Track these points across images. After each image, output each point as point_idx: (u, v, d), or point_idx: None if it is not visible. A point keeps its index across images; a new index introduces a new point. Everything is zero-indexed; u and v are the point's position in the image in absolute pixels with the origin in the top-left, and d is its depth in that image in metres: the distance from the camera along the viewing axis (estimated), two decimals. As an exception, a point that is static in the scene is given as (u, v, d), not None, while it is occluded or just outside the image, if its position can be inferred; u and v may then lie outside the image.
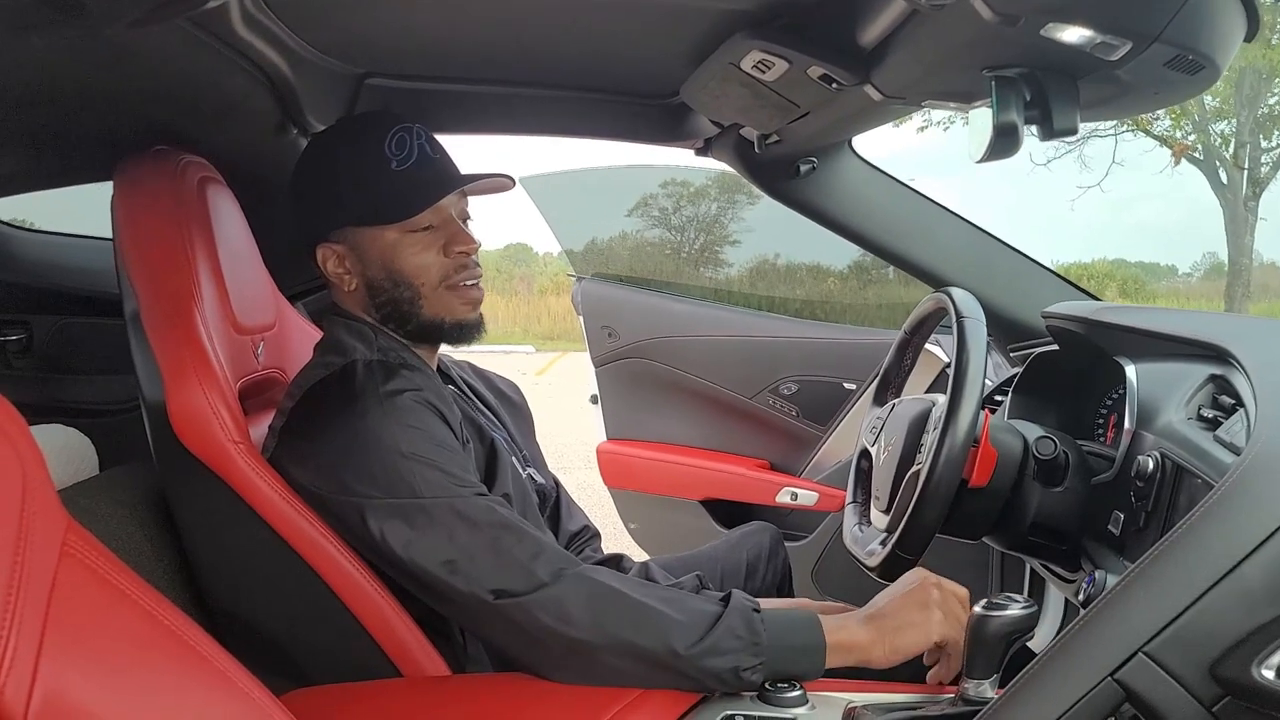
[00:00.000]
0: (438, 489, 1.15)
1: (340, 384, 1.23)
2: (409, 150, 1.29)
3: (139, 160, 1.32)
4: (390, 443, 1.16)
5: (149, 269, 1.26)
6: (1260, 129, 14.84)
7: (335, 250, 1.32)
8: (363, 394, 1.20)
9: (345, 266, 1.33)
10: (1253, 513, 0.84)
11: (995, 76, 1.08)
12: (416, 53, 1.47)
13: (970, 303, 1.34)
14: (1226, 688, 0.81)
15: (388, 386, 1.21)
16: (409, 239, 1.30)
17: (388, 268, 1.31)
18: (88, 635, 0.77)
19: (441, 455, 1.18)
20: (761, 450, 2.60)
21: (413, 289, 1.31)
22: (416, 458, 1.16)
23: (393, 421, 1.17)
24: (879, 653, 1.14)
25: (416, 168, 1.29)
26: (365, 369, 1.24)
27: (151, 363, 1.23)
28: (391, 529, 1.15)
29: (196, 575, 1.31)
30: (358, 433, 1.17)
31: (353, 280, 1.33)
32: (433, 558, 1.13)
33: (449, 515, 1.14)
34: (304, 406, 1.25)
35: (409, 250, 1.30)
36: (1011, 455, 1.31)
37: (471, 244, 1.33)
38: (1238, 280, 14.55)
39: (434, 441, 1.19)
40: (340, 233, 1.32)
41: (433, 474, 1.16)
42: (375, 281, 1.32)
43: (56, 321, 1.76)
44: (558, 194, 3.09)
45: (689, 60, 1.43)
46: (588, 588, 1.11)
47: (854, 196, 1.92)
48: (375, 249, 1.31)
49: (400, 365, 1.27)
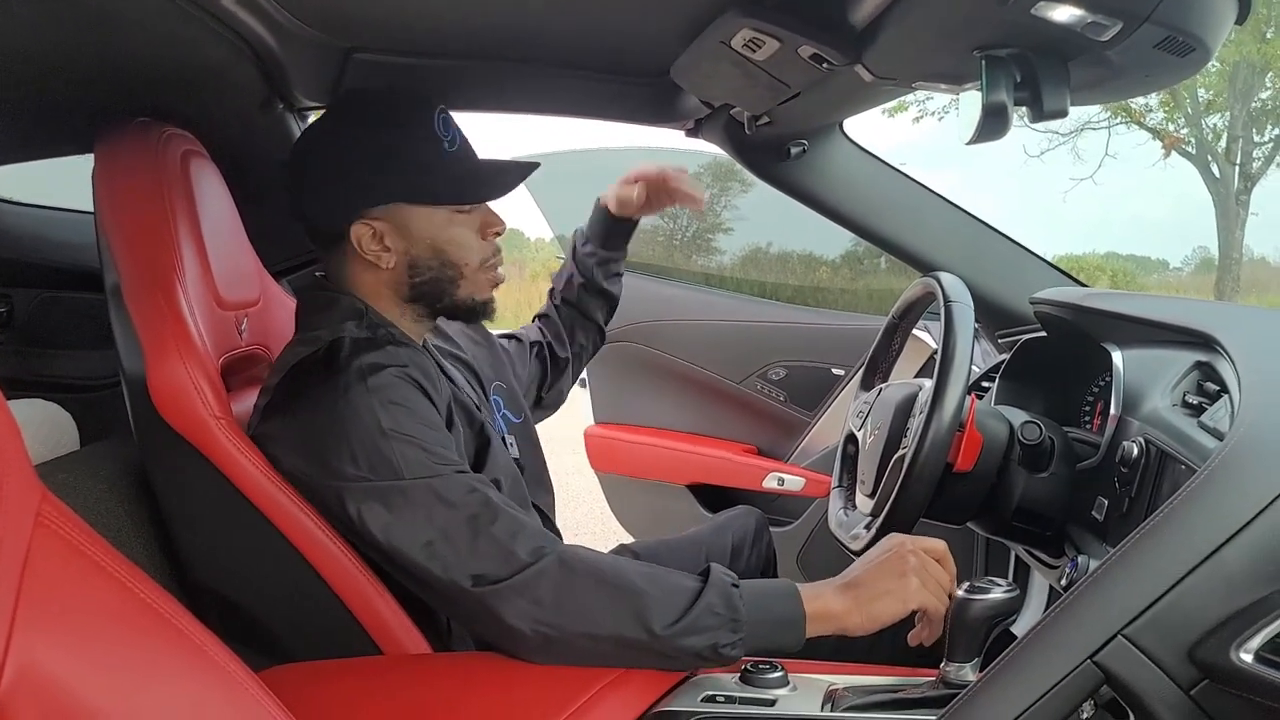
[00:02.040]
0: (417, 468, 1.14)
1: (325, 361, 1.22)
2: (454, 134, 1.31)
3: (120, 132, 1.30)
4: (371, 421, 1.15)
5: (130, 242, 1.25)
6: (1253, 123, 14.87)
7: (374, 227, 1.29)
8: (345, 370, 1.19)
9: (384, 244, 1.30)
10: (1234, 497, 0.84)
11: (986, 56, 1.07)
12: (404, 27, 1.45)
13: (958, 287, 1.34)
14: (1205, 671, 0.81)
15: (372, 362, 1.19)
16: (458, 219, 1.31)
17: (435, 246, 1.31)
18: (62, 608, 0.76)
19: (424, 433, 1.17)
20: (749, 435, 2.60)
21: (456, 269, 1.32)
22: (397, 435, 1.15)
23: (375, 399, 1.16)
24: (856, 620, 1.13)
25: (464, 152, 1.31)
26: (351, 344, 1.23)
27: (132, 336, 1.22)
28: (370, 511, 1.14)
29: (176, 551, 1.30)
30: (339, 411, 1.16)
31: (392, 258, 1.31)
32: (411, 540, 1.12)
33: (427, 495, 1.13)
34: (287, 384, 1.23)
35: (459, 230, 1.31)
36: (997, 440, 1.31)
37: (502, 224, 1.35)
38: (1227, 275, 14.61)
39: (417, 419, 1.18)
40: (383, 209, 1.29)
41: (413, 452, 1.15)
42: (420, 260, 1.31)
43: (37, 295, 1.75)
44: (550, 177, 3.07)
45: (679, 38, 1.42)
46: (566, 568, 1.11)
47: (844, 180, 1.91)
48: (425, 227, 1.30)
49: (388, 341, 1.25)
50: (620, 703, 1.07)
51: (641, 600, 1.09)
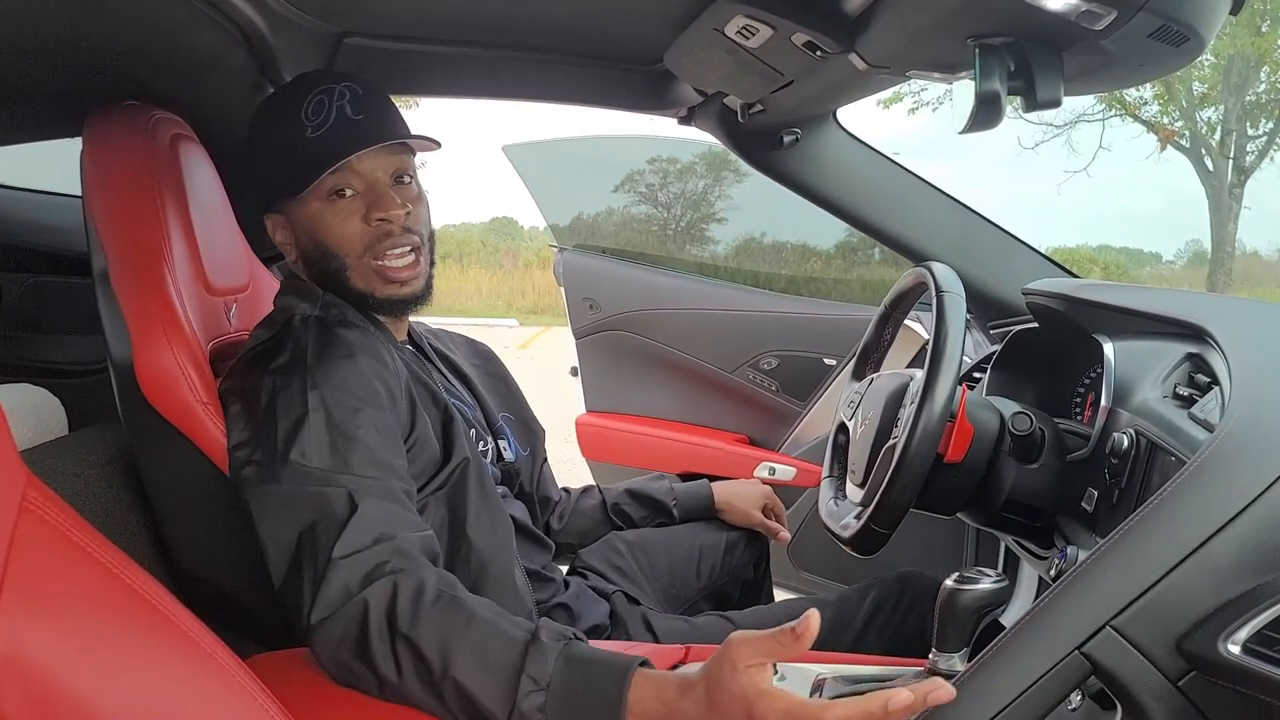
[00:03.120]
0: (319, 457, 1.09)
1: (274, 345, 1.20)
2: (326, 113, 1.23)
3: (109, 115, 1.29)
4: (298, 398, 1.12)
5: (118, 226, 1.24)
6: (1247, 117, 14.89)
7: (278, 220, 1.31)
8: (290, 351, 1.17)
9: (286, 238, 1.31)
10: (1223, 489, 0.84)
11: (979, 45, 1.07)
12: (395, 13, 1.44)
13: (950, 277, 1.34)
14: (1193, 662, 0.82)
15: (316, 344, 1.17)
16: (331, 207, 1.25)
17: (314, 238, 1.28)
18: (47, 592, 0.76)
19: (351, 419, 1.12)
20: (741, 425, 2.60)
21: (338, 260, 1.27)
22: (318, 418, 1.10)
23: (310, 377, 1.13)
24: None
25: (331, 133, 1.23)
26: (301, 324, 1.21)
27: (119, 321, 1.21)
28: (249, 479, 1.10)
29: (164, 536, 1.29)
30: (272, 396, 1.13)
31: (293, 251, 1.31)
32: (265, 533, 1.08)
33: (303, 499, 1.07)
34: (236, 369, 1.22)
35: (331, 219, 1.26)
36: (988, 431, 1.31)
37: (393, 208, 1.25)
38: (1220, 268, 14.64)
39: (349, 405, 1.13)
40: (280, 203, 1.29)
41: (327, 437, 1.10)
42: (308, 253, 1.30)
43: (26, 280, 1.74)
44: (542, 165, 3.06)
45: (673, 25, 1.41)
46: (368, 623, 1.00)
47: (837, 169, 1.91)
48: (303, 219, 1.28)
49: (338, 323, 1.23)
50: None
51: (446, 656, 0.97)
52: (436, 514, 1.23)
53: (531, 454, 1.52)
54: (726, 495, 1.70)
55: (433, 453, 1.23)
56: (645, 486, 1.70)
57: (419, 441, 1.22)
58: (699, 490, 1.71)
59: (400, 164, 1.29)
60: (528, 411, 1.57)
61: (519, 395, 1.58)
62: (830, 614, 1.44)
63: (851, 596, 1.48)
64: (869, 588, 1.49)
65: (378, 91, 1.29)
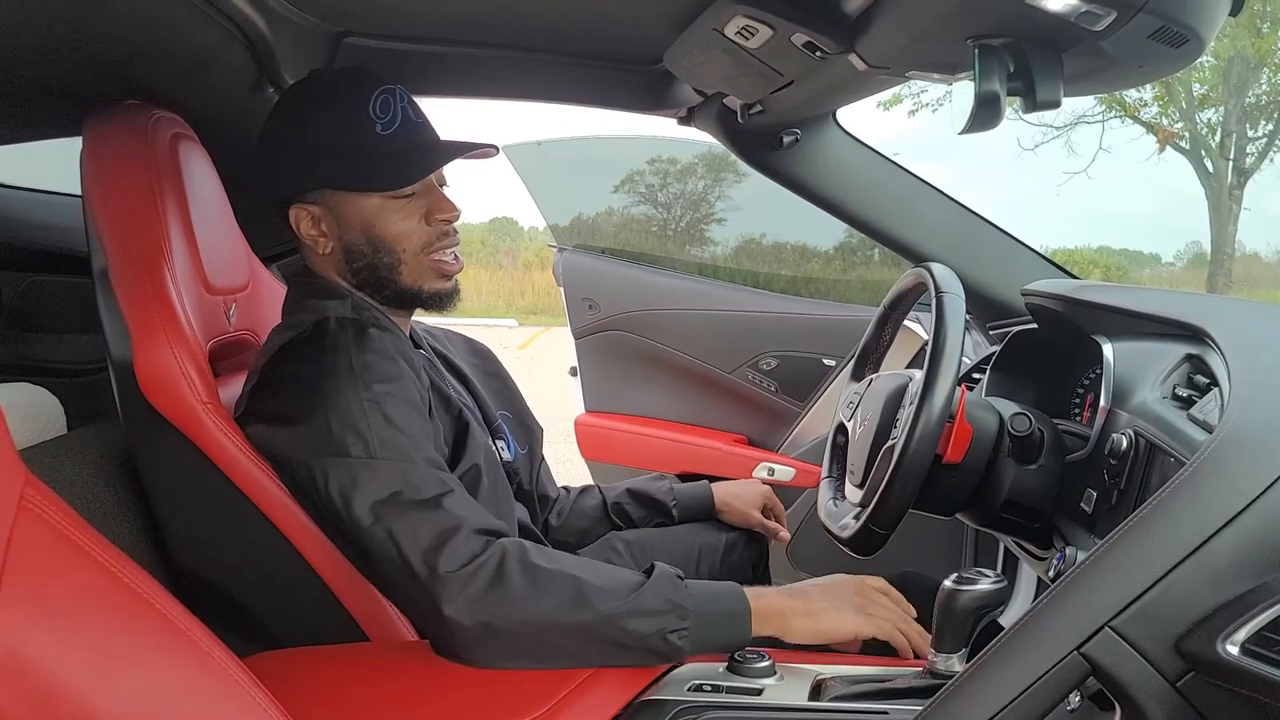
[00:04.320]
0: (390, 449, 1.14)
1: (310, 342, 1.21)
2: (393, 114, 1.26)
3: (109, 114, 1.29)
4: (353, 400, 1.15)
5: (118, 225, 1.24)
6: (1247, 118, 14.89)
7: (310, 212, 1.30)
8: (333, 350, 1.18)
9: (321, 229, 1.30)
10: (1222, 490, 0.84)
11: (979, 45, 1.07)
12: (396, 12, 1.45)
13: (950, 278, 1.34)
14: (1191, 663, 0.82)
15: (357, 343, 1.19)
16: (392, 205, 1.28)
17: (368, 233, 1.29)
18: (45, 591, 0.76)
19: (402, 415, 1.16)
20: (739, 425, 2.59)
21: (393, 255, 1.29)
22: (376, 416, 1.14)
23: (359, 379, 1.16)
24: (800, 623, 1.16)
25: (403, 133, 1.27)
26: (337, 325, 1.22)
27: (119, 320, 1.21)
28: (335, 485, 1.13)
29: (162, 536, 1.29)
30: (323, 389, 1.16)
31: (329, 244, 1.31)
32: (370, 518, 1.11)
33: (394, 477, 1.12)
34: (273, 366, 1.23)
35: (393, 217, 1.28)
36: (987, 431, 1.31)
37: (453, 212, 1.31)
38: (1220, 270, 14.64)
39: (397, 401, 1.17)
40: (318, 194, 1.29)
41: (389, 433, 1.14)
42: (354, 246, 1.30)
43: (25, 279, 1.73)
44: (542, 165, 3.06)
45: (673, 25, 1.41)
46: (508, 561, 1.09)
47: (836, 169, 1.90)
48: (356, 214, 1.28)
49: (372, 324, 1.25)
50: (608, 690, 1.07)
51: (581, 585, 1.09)
52: None
53: (529, 453, 1.53)
54: (726, 496, 1.70)
55: (444, 458, 1.24)
56: (645, 486, 1.70)
57: (436, 446, 1.23)
58: (699, 490, 1.71)
59: (443, 170, 1.34)
60: (525, 410, 1.57)
61: (517, 394, 1.59)
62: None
63: (851, 597, 1.48)
64: (868, 589, 1.49)
65: None
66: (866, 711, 1.05)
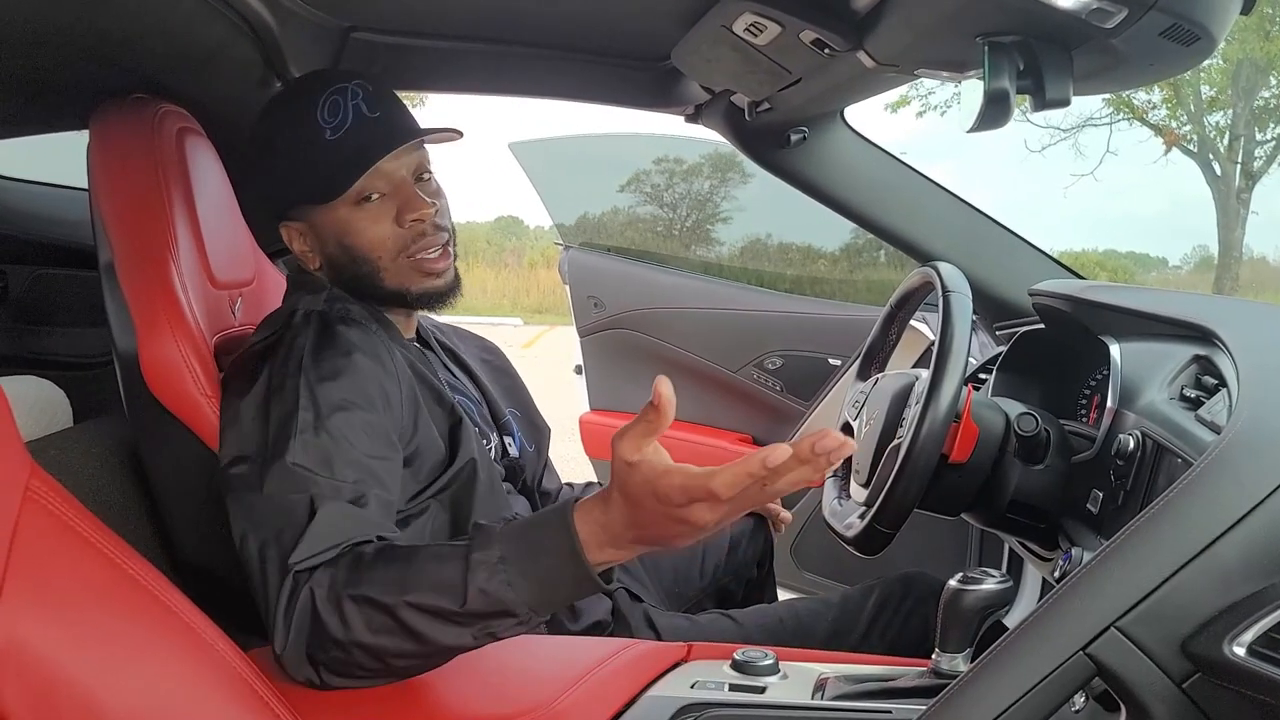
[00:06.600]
0: (307, 459, 1.06)
1: (275, 341, 1.19)
2: (342, 115, 1.21)
3: (116, 108, 1.30)
4: (289, 401, 1.10)
5: (124, 219, 1.24)
6: (1255, 121, 14.86)
7: (297, 228, 1.29)
8: (287, 346, 1.16)
9: (308, 245, 1.29)
10: (1230, 490, 0.83)
11: (989, 43, 1.06)
12: (402, 7, 1.44)
13: (957, 277, 1.33)
14: (1198, 664, 0.81)
15: (315, 340, 1.16)
16: (359, 212, 1.24)
17: (342, 244, 1.26)
18: (50, 582, 0.76)
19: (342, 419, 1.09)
20: (745, 425, 2.59)
21: (370, 264, 1.26)
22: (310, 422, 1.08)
23: (304, 376, 1.12)
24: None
25: (351, 134, 1.21)
26: (302, 319, 1.21)
27: (124, 313, 1.21)
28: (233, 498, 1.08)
29: (167, 529, 1.29)
30: (266, 394, 1.13)
31: (316, 259, 1.30)
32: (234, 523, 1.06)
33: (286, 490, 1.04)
34: (233, 368, 1.22)
35: (361, 224, 1.24)
36: (993, 431, 1.30)
37: (424, 208, 1.24)
38: (1227, 273, 14.61)
39: (336, 402, 1.10)
40: (298, 210, 1.27)
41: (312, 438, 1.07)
42: (334, 259, 1.28)
43: (31, 272, 1.74)
44: (548, 163, 3.06)
45: (681, 22, 1.41)
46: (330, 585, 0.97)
47: (844, 168, 1.90)
48: (329, 226, 1.26)
49: (340, 319, 1.22)
50: (608, 688, 1.06)
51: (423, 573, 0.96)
52: (438, 516, 1.23)
53: (537, 450, 1.52)
54: None
55: (437, 454, 1.23)
56: None
57: (421, 444, 1.21)
58: None
59: (420, 160, 1.28)
60: (533, 408, 1.56)
61: (525, 391, 1.58)
62: (834, 614, 1.44)
63: (855, 597, 1.48)
64: (872, 588, 1.48)
65: (384, 87, 1.28)
66: (870, 711, 1.05)
